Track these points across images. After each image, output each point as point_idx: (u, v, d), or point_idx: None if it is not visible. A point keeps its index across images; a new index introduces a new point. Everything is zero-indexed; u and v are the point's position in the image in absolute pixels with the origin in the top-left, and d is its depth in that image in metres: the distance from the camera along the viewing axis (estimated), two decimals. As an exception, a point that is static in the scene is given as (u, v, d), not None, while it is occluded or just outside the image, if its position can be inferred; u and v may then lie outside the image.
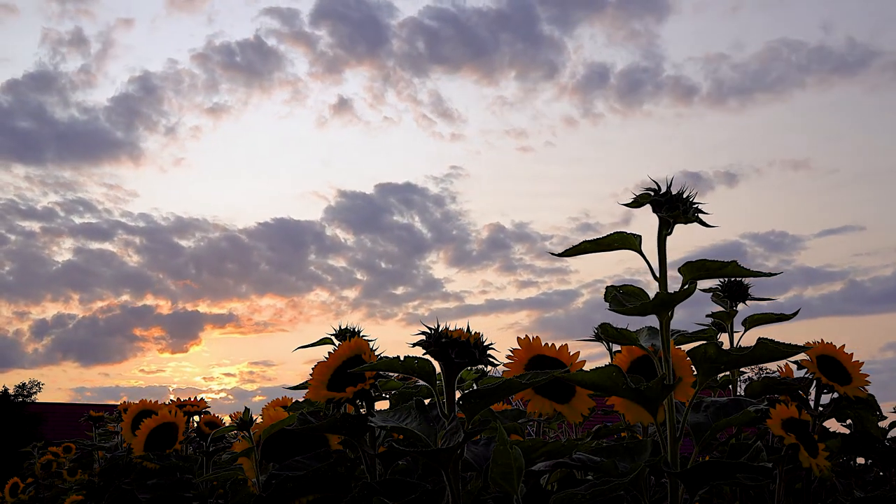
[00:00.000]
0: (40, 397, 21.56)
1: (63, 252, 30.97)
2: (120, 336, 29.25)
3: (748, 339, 2.21)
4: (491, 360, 1.46)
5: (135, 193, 32.40)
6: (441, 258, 31.30)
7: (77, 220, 31.34)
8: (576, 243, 1.40)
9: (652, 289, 1.37)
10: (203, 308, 30.48)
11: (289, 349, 2.18)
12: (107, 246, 31.32)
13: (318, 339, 2.10)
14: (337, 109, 31.35)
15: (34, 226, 30.49)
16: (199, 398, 2.90)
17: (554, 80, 30.17)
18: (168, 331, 28.91)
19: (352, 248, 31.50)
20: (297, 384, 2.05)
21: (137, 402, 2.84)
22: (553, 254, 1.45)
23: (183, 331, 29.42)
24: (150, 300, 30.74)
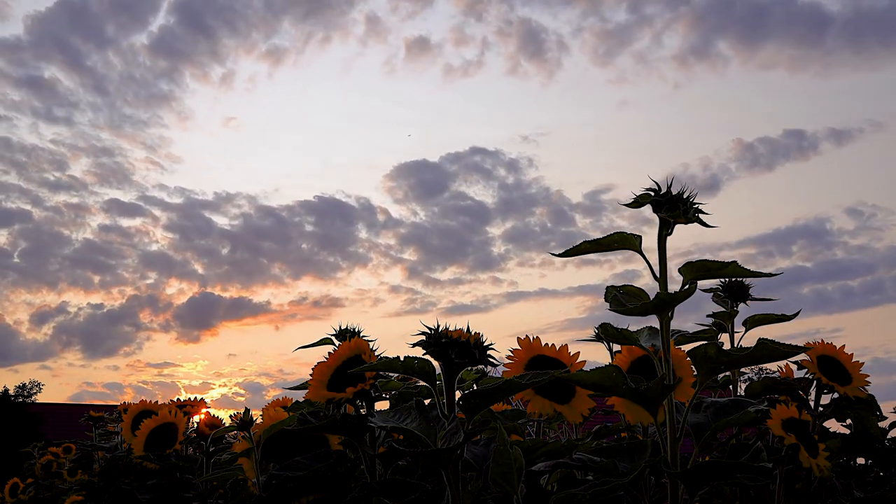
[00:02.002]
0: (40, 398, 21.47)
1: (87, 230, 28.25)
2: (132, 326, 27.23)
3: (749, 339, 2.20)
4: (491, 360, 1.46)
5: (175, 158, 28.78)
6: (501, 235, 28.11)
7: (107, 194, 28.30)
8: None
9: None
10: (226, 295, 28.30)
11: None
12: (136, 222, 28.82)
13: (318, 340, 2.10)
14: (411, 50, 27.07)
15: (59, 199, 27.92)
16: (199, 398, 2.90)
17: (672, 10, 25.70)
18: (184, 320, 26.85)
19: (404, 224, 28.53)
20: (297, 384, 2.05)
21: (137, 402, 2.84)
22: (553, 254, 1.45)
23: (200, 320, 27.17)
24: (171, 286, 28.24)
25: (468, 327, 1.44)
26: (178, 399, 2.92)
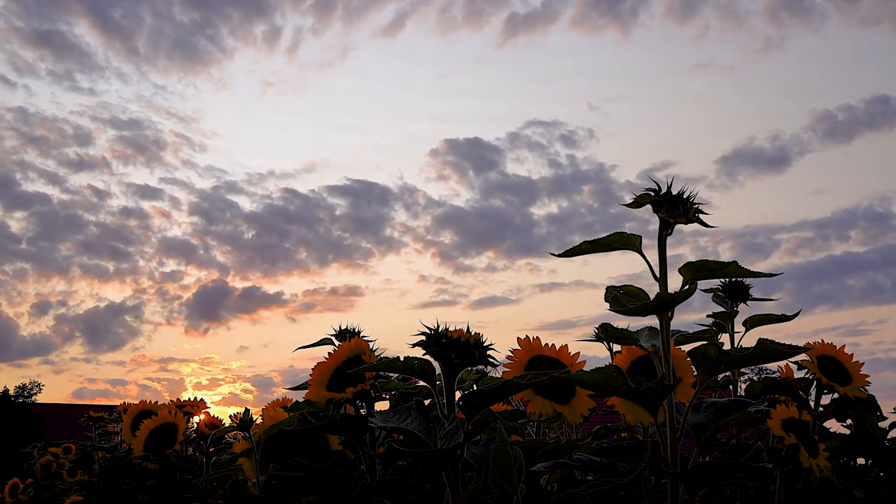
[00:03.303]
0: (41, 398, 21.33)
1: (105, 213, 25.72)
2: (141, 318, 25.34)
3: (749, 339, 2.20)
4: (491, 360, 1.46)
5: (207, 133, 26.18)
6: (545, 216, 25.44)
7: (130, 174, 25.36)
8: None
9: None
10: (244, 285, 26.11)
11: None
12: (159, 205, 26.33)
13: (318, 340, 2.10)
14: None
15: (78, 178, 25.41)
16: (199, 398, 2.90)
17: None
18: (196, 311, 24.85)
19: (442, 205, 25.98)
20: (298, 384, 2.05)
21: (138, 402, 2.84)
22: (553, 254, 1.45)
23: (212, 311, 25.02)
24: (189, 276, 25.95)
25: (468, 327, 1.44)
26: (179, 399, 2.92)
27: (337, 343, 1.99)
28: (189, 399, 2.91)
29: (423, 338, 1.44)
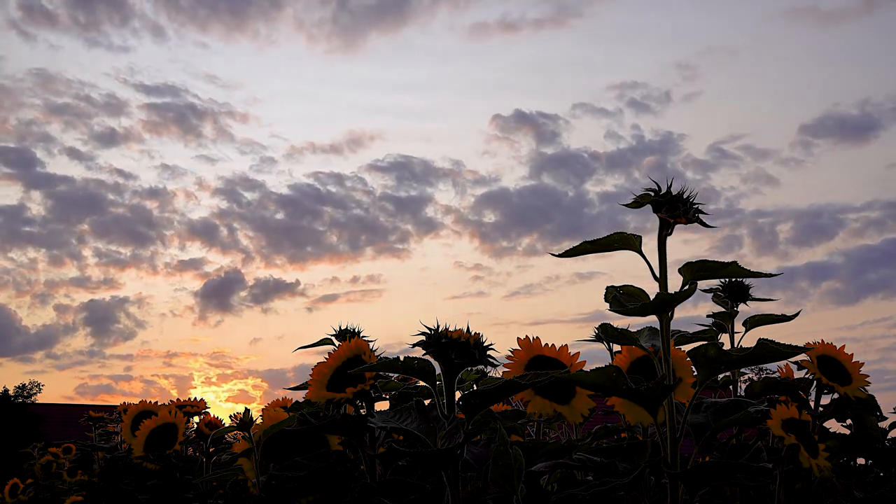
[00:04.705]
0: (41, 398, 21.14)
1: (129, 195, 23.32)
2: (151, 311, 23.54)
3: (749, 339, 2.20)
4: (491, 360, 1.46)
5: (249, 101, 23.77)
6: (599, 194, 22.77)
7: (159, 151, 23.14)
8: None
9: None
10: (265, 274, 24.16)
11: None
12: (185, 185, 24.35)
13: (317, 340, 2.10)
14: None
15: (102, 154, 23.79)
16: (199, 399, 2.90)
17: None
18: (209, 302, 22.79)
19: (489, 183, 23.50)
20: (298, 384, 2.05)
21: (138, 402, 2.84)
22: (553, 254, 1.45)
23: (226, 302, 22.89)
24: (209, 264, 23.80)
25: (468, 327, 1.44)
26: (180, 399, 2.93)
27: (337, 343, 1.99)
28: (189, 399, 2.91)
29: (423, 338, 1.44)
